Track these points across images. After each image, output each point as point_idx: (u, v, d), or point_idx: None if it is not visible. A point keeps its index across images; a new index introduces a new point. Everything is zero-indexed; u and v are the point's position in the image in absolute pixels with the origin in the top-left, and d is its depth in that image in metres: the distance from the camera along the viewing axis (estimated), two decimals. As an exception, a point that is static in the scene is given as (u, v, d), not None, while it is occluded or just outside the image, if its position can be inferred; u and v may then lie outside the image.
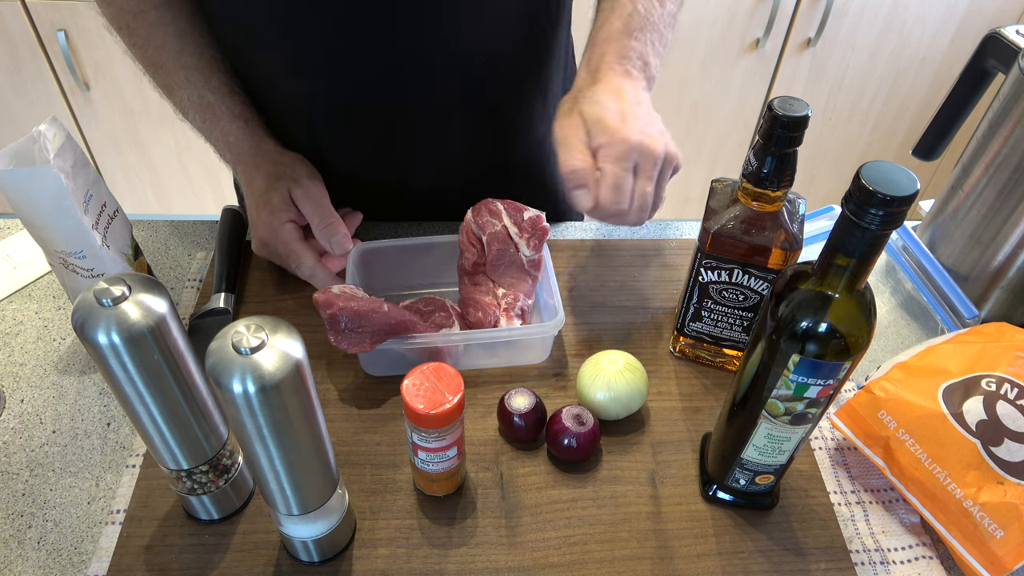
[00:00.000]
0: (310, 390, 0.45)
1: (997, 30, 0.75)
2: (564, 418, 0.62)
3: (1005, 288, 0.75)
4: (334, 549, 0.57)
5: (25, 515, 0.60)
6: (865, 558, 0.59)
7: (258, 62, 0.76)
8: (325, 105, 0.76)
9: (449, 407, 0.52)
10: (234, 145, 0.76)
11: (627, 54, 0.68)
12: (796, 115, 0.53)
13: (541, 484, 0.63)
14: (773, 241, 0.60)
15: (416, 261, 0.77)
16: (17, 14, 1.63)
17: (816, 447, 0.67)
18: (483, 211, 0.73)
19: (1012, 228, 0.72)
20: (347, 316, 0.63)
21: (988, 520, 0.55)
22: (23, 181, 0.58)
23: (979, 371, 0.61)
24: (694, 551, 0.59)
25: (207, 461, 0.54)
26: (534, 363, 0.72)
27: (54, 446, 0.64)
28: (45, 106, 1.80)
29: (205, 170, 1.98)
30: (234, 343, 0.42)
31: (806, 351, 0.47)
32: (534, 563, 0.58)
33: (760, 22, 1.76)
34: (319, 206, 0.73)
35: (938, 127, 0.85)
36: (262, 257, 0.76)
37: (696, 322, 0.69)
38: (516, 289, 0.73)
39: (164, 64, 0.74)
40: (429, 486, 0.60)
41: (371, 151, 0.81)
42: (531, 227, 0.73)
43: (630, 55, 0.68)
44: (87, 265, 0.65)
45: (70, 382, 0.69)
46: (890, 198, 0.40)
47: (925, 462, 0.58)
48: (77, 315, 0.44)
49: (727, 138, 2.00)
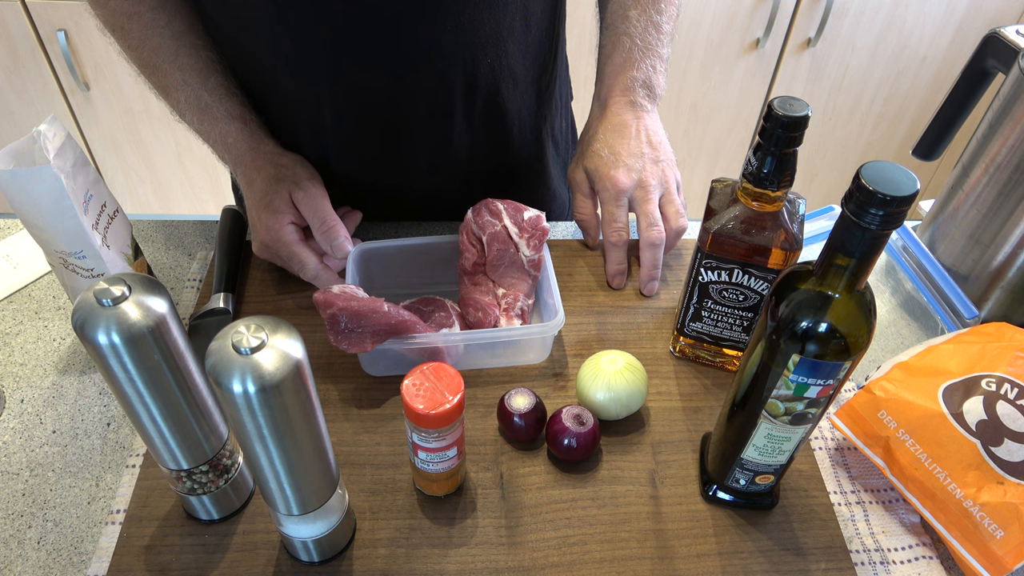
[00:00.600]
0: (310, 390, 0.45)
1: (997, 30, 0.75)
2: (564, 418, 0.62)
3: (1005, 288, 0.75)
4: (334, 549, 0.57)
5: (25, 515, 0.60)
6: (865, 558, 0.59)
7: (259, 63, 0.75)
8: (327, 106, 0.76)
9: (449, 407, 0.52)
10: (233, 147, 0.76)
11: (631, 85, 0.80)
12: (796, 115, 0.53)
13: (541, 484, 0.63)
14: (773, 241, 0.60)
15: (416, 261, 0.76)
16: (17, 14, 1.63)
17: (816, 447, 0.67)
18: (483, 211, 0.73)
19: (1012, 228, 0.72)
20: (347, 316, 0.63)
21: (988, 520, 0.55)
22: (23, 181, 0.58)
23: (979, 371, 0.61)
24: (694, 551, 0.59)
25: (207, 461, 0.54)
26: (534, 363, 0.72)
27: (54, 446, 0.64)
28: (45, 106, 1.80)
29: (205, 170, 1.98)
30: (234, 343, 0.42)
31: (806, 351, 0.48)
32: (534, 563, 0.58)
33: (760, 22, 1.76)
34: (319, 209, 0.73)
35: (938, 127, 0.85)
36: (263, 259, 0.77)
37: (696, 322, 0.69)
38: (516, 289, 0.73)
39: (160, 66, 0.74)
40: (429, 486, 0.60)
41: (372, 151, 0.81)
42: (531, 227, 0.73)
43: (634, 86, 0.80)
44: (87, 265, 0.65)
45: (70, 382, 0.69)
46: (890, 198, 0.40)
47: (925, 462, 0.58)
48: (77, 315, 0.44)
49: (727, 138, 2.00)
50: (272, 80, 0.76)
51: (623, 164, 0.77)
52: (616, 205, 0.77)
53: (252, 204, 0.75)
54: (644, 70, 0.80)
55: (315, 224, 0.73)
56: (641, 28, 0.79)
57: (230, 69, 0.77)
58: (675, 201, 0.78)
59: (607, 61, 0.81)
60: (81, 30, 1.66)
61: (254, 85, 0.78)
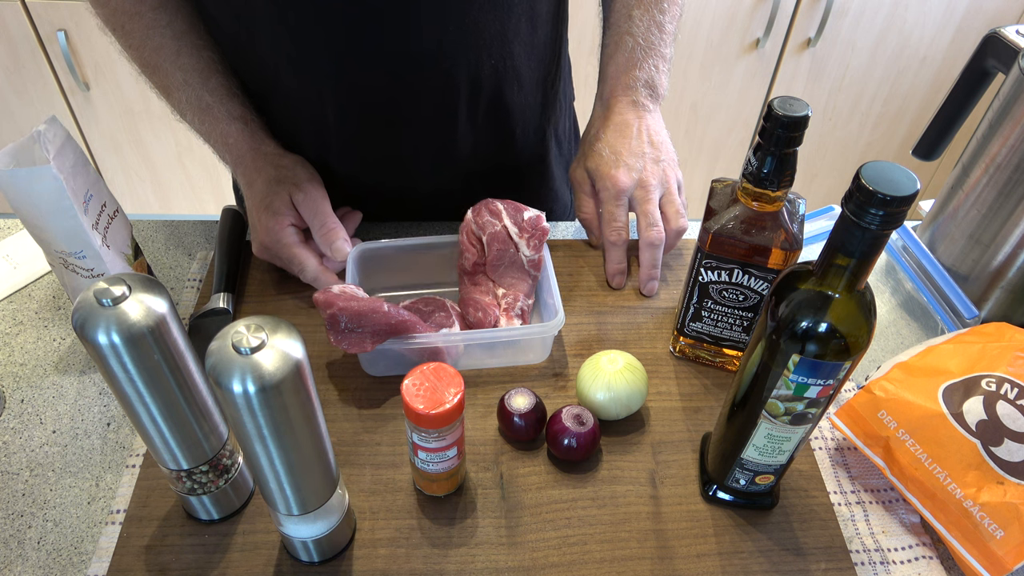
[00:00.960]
0: (310, 390, 0.45)
1: (997, 30, 0.75)
2: (564, 418, 0.62)
3: (1005, 288, 0.75)
4: (334, 549, 0.57)
5: (25, 515, 0.60)
6: (865, 558, 0.59)
7: (261, 62, 0.75)
8: (329, 105, 0.76)
9: (449, 407, 0.52)
10: (234, 147, 0.76)
11: (633, 85, 0.80)
12: (796, 115, 0.53)
13: (541, 484, 0.63)
14: (773, 241, 0.60)
15: (416, 261, 0.76)
16: (17, 14, 1.63)
17: (816, 447, 0.67)
18: (483, 211, 0.73)
19: (1012, 228, 0.72)
20: (347, 316, 0.63)
21: (988, 520, 0.55)
22: (23, 181, 0.58)
23: (979, 371, 0.61)
24: (694, 551, 0.59)
25: (207, 461, 0.54)
26: (534, 363, 0.72)
27: (54, 446, 0.64)
28: (45, 106, 1.80)
29: (205, 170, 1.98)
30: (234, 343, 0.42)
31: (806, 351, 0.47)
32: (534, 563, 0.58)
33: (760, 22, 1.76)
34: (319, 211, 0.73)
35: (938, 127, 0.85)
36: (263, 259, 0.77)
37: (696, 322, 0.69)
38: (516, 289, 0.73)
39: (161, 65, 0.74)
40: (429, 486, 0.60)
41: (375, 151, 0.81)
42: (531, 227, 0.73)
43: (636, 86, 0.80)
44: (87, 265, 0.65)
45: (70, 382, 0.69)
46: (890, 198, 0.40)
47: (925, 462, 0.58)
48: (77, 315, 0.44)
49: (727, 138, 2.00)
50: (274, 79, 0.76)
51: (624, 164, 0.77)
52: (616, 204, 0.77)
53: (252, 205, 0.75)
54: (647, 70, 0.80)
55: (314, 226, 0.73)
56: (644, 28, 0.79)
57: (232, 69, 0.77)
58: (675, 201, 0.78)
59: (610, 61, 0.81)
60: (81, 30, 1.66)
61: (256, 84, 0.78)
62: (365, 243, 0.75)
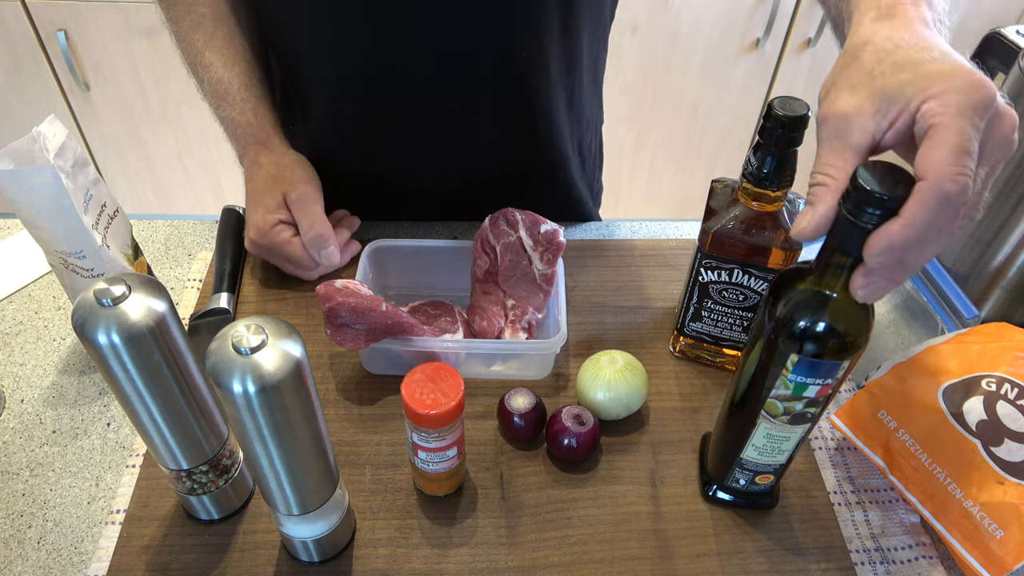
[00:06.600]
0: (310, 390, 0.45)
1: (997, 30, 0.75)
2: (564, 418, 0.62)
3: (1005, 288, 0.75)
4: (334, 549, 0.57)
5: (25, 515, 0.60)
6: (865, 558, 0.59)
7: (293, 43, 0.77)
8: (356, 89, 0.77)
9: (449, 407, 0.52)
10: (241, 137, 0.77)
11: None
12: (796, 115, 0.53)
13: (541, 484, 0.63)
14: (773, 241, 0.60)
15: (434, 263, 0.76)
16: (17, 14, 1.63)
17: (816, 447, 0.67)
18: (500, 220, 0.72)
19: (1012, 228, 0.72)
20: (345, 311, 0.63)
21: (988, 520, 0.55)
22: (23, 181, 0.58)
23: (979, 371, 0.61)
24: (694, 551, 0.59)
25: (207, 461, 0.54)
26: (534, 379, 0.71)
27: (54, 446, 0.64)
28: (45, 106, 1.79)
29: (205, 170, 1.98)
30: (234, 343, 0.42)
31: (804, 351, 0.47)
32: (534, 563, 0.58)
33: (760, 22, 1.76)
34: (310, 213, 0.74)
35: (938, 127, 0.85)
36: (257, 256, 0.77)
37: (696, 322, 0.69)
38: (526, 302, 0.73)
39: (193, 43, 0.76)
40: (429, 486, 0.60)
41: (396, 148, 0.82)
42: (546, 241, 0.72)
43: None
44: (87, 265, 0.65)
45: (70, 382, 0.69)
46: (887, 197, 0.40)
47: (925, 462, 0.58)
48: (77, 315, 0.44)
49: (727, 138, 2.00)
50: (306, 62, 0.78)
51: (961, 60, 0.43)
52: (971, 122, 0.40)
53: (248, 199, 0.76)
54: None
55: (303, 228, 0.74)
56: None
57: (263, 55, 0.79)
58: None
59: None
60: (81, 30, 1.66)
61: (286, 64, 0.80)
62: (380, 240, 0.75)
